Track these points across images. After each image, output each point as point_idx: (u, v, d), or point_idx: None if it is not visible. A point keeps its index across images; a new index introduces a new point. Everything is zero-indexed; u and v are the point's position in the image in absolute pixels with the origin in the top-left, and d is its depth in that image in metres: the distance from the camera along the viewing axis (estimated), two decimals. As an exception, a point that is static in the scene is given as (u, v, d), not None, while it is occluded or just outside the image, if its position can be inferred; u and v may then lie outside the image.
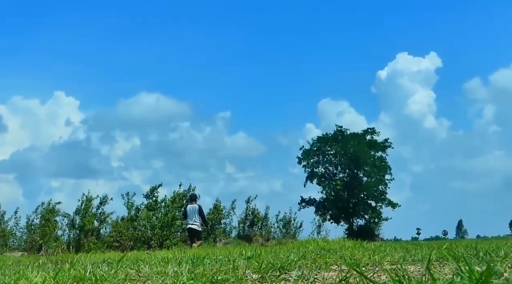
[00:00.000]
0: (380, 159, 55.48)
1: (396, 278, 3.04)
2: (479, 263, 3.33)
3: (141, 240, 30.97)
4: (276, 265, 5.13)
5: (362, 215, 54.89)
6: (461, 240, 48.97)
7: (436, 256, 5.32)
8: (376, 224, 54.21)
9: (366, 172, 55.14)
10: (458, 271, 2.52)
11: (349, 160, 54.68)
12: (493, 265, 2.70)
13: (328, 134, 57.31)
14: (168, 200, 33.20)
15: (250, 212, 37.40)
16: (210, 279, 4.47)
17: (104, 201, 32.56)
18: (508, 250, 5.81)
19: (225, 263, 6.10)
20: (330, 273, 4.90)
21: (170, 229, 31.74)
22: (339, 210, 54.05)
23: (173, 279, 4.55)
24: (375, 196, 54.17)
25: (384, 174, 55.07)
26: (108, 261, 8.06)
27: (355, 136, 56.13)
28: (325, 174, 56.38)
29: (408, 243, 20.82)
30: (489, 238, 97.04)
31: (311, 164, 56.50)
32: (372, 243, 18.03)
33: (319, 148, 56.58)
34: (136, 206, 32.67)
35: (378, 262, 5.66)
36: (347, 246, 12.76)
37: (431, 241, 63.64)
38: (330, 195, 54.47)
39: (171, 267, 5.51)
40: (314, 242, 17.51)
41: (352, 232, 49.60)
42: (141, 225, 31.97)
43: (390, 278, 3.06)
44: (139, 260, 7.62)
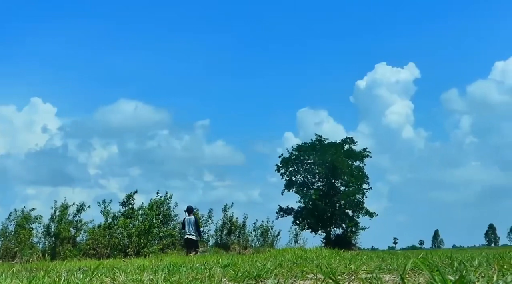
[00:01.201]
0: (358, 169, 55.72)
1: (370, 286, 3.07)
2: (453, 272, 3.36)
3: (118, 248, 30.72)
4: (253, 273, 5.14)
5: (340, 224, 55.03)
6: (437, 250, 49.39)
7: (411, 266, 5.36)
8: (353, 233, 54.38)
9: (344, 181, 55.33)
10: (432, 280, 2.54)
11: (327, 169, 54.82)
12: (466, 275, 2.73)
13: (306, 143, 57.46)
14: (146, 207, 33.00)
15: (228, 220, 37.35)
16: (186, 287, 4.46)
17: (81, 208, 32.29)
18: (482, 260, 5.87)
19: (201, 271, 6.08)
20: (306, 281, 4.92)
21: (147, 237, 31.52)
22: (317, 219, 54.13)
23: (149, 287, 4.54)
24: (352, 205, 54.34)
25: (361, 184, 55.30)
26: (84, 269, 7.99)
27: (333, 145, 56.31)
28: (303, 183, 56.49)
29: (384, 252, 20.94)
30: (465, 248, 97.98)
31: (290, 173, 56.60)
32: (349, 252, 18.12)
33: (298, 157, 56.69)
34: (113, 213, 32.42)
35: (354, 271, 5.68)
36: (324, 254, 12.81)
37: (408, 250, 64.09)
38: (308, 204, 54.57)
39: (147, 275, 5.48)
40: (291, 250, 17.54)
41: (330, 241, 49.69)
42: (117, 232, 31.71)
43: (364, 287, 3.08)
44: (115, 268, 7.56)
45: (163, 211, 33.84)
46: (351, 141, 57.12)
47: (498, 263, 4.74)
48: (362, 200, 54.74)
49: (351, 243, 51.59)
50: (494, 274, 3.32)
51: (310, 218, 54.09)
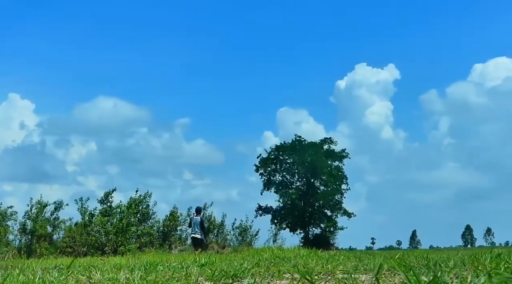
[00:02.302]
0: (337, 169, 55.83)
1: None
2: (428, 273, 3.38)
3: (95, 246, 30.51)
4: (229, 272, 5.13)
5: (318, 224, 55.12)
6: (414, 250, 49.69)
7: (387, 266, 5.38)
8: (332, 233, 54.51)
9: (322, 181, 55.40)
10: (406, 281, 2.55)
11: (306, 169, 54.88)
12: (440, 276, 2.74)
13: (286, 143, 57.44)
14: (124, 205, 32.80)
15: (206, 219, 37.27)
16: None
17: (59, 206, 32.02)
18: (458, 261, 5.91)
19: (178, 270, 6.06)
20: (282, 281, 4.92)
21: (125, 235, 31.33)
22: (295, 218, 54.16)
23: (125, 286, 4.51)
24: (331, 205, 54.44)
25: (340, 184, 55.41)
26: (60, 267, 7.92)
27: (312, 145, 56.35)
28: (282, 183, 56.47)
29: (362, 253, 21.06)
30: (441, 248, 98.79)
31: (268, 173, 56.56)
32: (326, 252, 18.17)
33: (277, 156, 56.67)
34: (90, 211, 32.18)
35: (330, 271, 5.69)
36: (301, 254, 12.84)
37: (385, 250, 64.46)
38: (286, 204, 54.58)
39: (123, 274, 5.45)
40: (270, 250, 17.54)
41: (308, 240, 49.73)
42: (95, 231, 31.48)
43: (340, 287, 3.09)
44: (91, 267, 7.51)
45: (141, 209, 33.66)
46: (331, 141, 57.22)
47: (473, 264, 4.77)
48: (340, 200, 54.86)
49: (329, 243, 51.71)
50: (469, 275, 3.35)
51: (289, 218, 54.11)
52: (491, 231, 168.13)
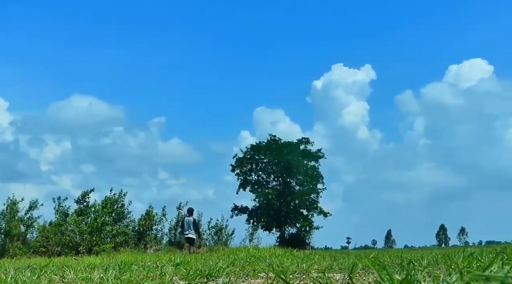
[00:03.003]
0: (313, 169, 55.97)
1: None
2: (401, 272, 3.41)
3: (69, 246, 30.24)
4: (204, 272, 5.12)
5: (294, 223, 55.21)
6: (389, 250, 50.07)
7: (362, 265, 5.42)
8: (307, 233, 54.62)
9: (298, 181, 55.50)
10: (379, 279, 2.57)
11: (282, 169, 54.94)
12: (413, 274, 2.77)
13: (261, 143, 57.46)
14: (99, 205, 32.56)
15: (182, 218, 37.12)
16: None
17: (33, 205, 31.68)
18: (431, 260, 5.97)
19: (153, 269, 6.04)
20: (257, 280, 4.93)
21: (100, 235, 31.11)
22: (271, 218, 54.20)
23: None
24: (307, 205, 54.57)
25: (316, 183, 55.56)
26: (33, 267, 7.84)
27: (288, 145, 56.43)
28: (258, 182, 56.48)
29: (337, 252, 21.17)
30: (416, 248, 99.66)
31: (244, 172, 56.53)
32: (302, 251, 18.22)
33: (253, 156, 56.66)
34: (64, 210, 31.89)
35: (305, 270, 5.71)
36: (277, 254, 12.86)
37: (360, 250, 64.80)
38: (262, 203, 54.60)
39: (97, 273, 5.41)
40: (245, 249, 17.57)
41: (284, 240, 49.80)
42: (69, 230, 31.21)
43: (314, 286, 3.10)
44: (64, 266, 7.44)
45: (116, 209, 33.45)
46: (307, 141, 57.35)
47: (446, 263, 4.83)
48: (316, 199, 55.00)
49: (305, 242, 51.80)
50: (441, 273, 3.39)
51: (265, 217, 54.14)
52: (464, 231, 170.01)
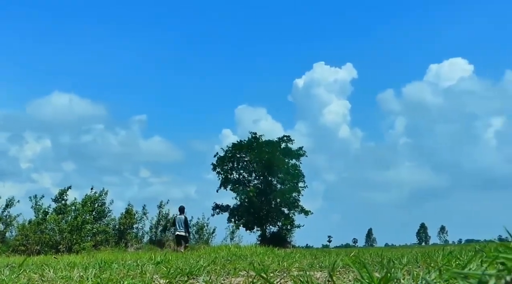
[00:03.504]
0: (294, 167, 56.12)
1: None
2: (381, 270, 3.43)
3: (49, 244, 29.98)
4: (185, 270, 5.10)
5: (275, 221, 55.32)
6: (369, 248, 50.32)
7: (342, 263, 5.44)
8: (289, 231, 54.77)
9: (280, 179, 55.63)
10: (359, 277, 2.58)
11: (263, 167, 55.03)
12: (393, 272, 2.78)
13: (243, 141, 57.45)
14: (79, 203, 32.32)
15: (163, 217, 36.97)
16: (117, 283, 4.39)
17: (10, 203, 31.39)
18: (411, 258, 6.01)
19: (133, 268, 6.01)
20: (238, 278, 4.92)
21: (80, 233, 30.87)
22: (252, 216, 54.26)
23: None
24: (288, 203, 54.68)
25: (297, 182, 55.73)
26: (12, 266, 7.76)
27: (270, 143, 56.49)
28: (239, 181, 56.52)
29: (318, 250, 21.22)
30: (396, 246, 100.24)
31: (225, 171, 56.49)
32: (283, 249, 18.24)
33: (234, 154, 56.66)
34: (44, 209, 31.61)
35: (286, 269, 5.72)
36: (258, 252, 12.85)
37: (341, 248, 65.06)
38: (243, 201, 54.64)
39: (77, 271, 5.37)
40: (226, 248, 17.59)
41: (265, 238, 49.88)
42: (49, 229, 30.94)
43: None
44: (44, 265, 7.38)
45: (97, 207, 33.24)
46: (288, 139, 57.45)
47: (425, 261, 4.86)
48: (297, 198, 55.19)
49: (286, 241, 51.93)
50: (421, 271, 3.41)
51: (246, 216, 54.18)
52: (444, 229, 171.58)
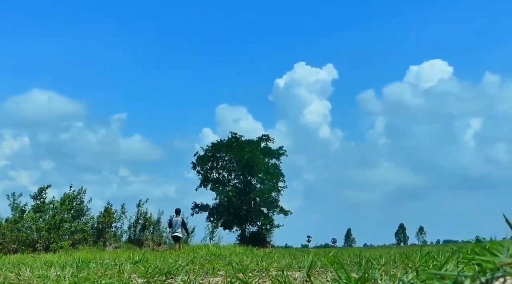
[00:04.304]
0: (274, 167, 56.17)
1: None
2: (359, 270, 3.44)
3: (26, 243, 29.73)
4: (163, 269, 5.08)
5: (255, 221, 55.34)
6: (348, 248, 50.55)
7: (321, 263, 5.45)
8: (268, 231, 54.79)
9: (259, 179, 55.63)
10: (337, 278, 2.59)
11: (243, 167, 54.99)
12: (371, 272, 2.79)
13: (222, 141, 57.40)
14: (57, 201, 32.09)
15: (142, 216, 36.84)
16: (94, 283, 4.36)
17: (-14, 201, 31.15)
18: (389, 258, 6.04)
19: (111, 267, 5.98)
20: (216, 278, 4.92)
21: (58, 232, 30.66)
22: (232, 216, 54.23)
23: (55, 283, 4.41)
24: (267, 203, 54.71)
25: (277, 182, 55.78)
26: (-12, 264, 7.69)
27: (249, 143, 56.49)
28: (219, 180, 56.47)
29: (297, 250, 21.29)
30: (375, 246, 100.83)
31: (205, 170, 56.41)
32: (262, 249, 18.27)
33: (214, 154, 56.59)
34: (21, 207, 31.34)
35: (265, 269, 5.72)
36: (237, 252, 12.86)
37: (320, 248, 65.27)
38: (223, 201, 54.59)
39: (54, 270, 5.32)
40: (205, 247, 17.58)
41: (244, 238, 49.87)
42: (26, 227, 30.68)
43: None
44: (21, 264, 7.32)
45: (75, 205, 33.05)
46: (268, 139, 57.50)
47: (403, 262, 4.89)
48: (277, 198, 55.26)
49: (265, 240, 51.95)
50: (398, 272, 3.43)
51: (225, 215, 54.14)
52: (423, 230, 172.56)
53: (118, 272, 5.13)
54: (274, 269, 5.64)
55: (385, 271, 3.30)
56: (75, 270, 5.41)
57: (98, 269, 5.62)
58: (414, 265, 3.73)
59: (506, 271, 1.50)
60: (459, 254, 3.05)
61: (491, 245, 2.32)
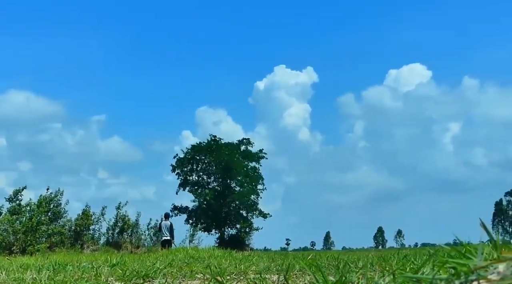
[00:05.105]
0: (254, 169, 56.19)
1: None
2: (337, 273, 3.46)
3: (2, 246, 29.40)
4: (141, 272, 5.06)
5: (234, 224, 55.29)
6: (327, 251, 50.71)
7: (299, 267, 5.46)
8: (247, 234, 54.76)
9: (238, 182, 55.61)
10: (314, 281, 2.60)
11: (222, 170, 54.94)
12: (348, 275, 2.81)
13: (202, 143, 57.33)
14: (34, 204, 31.78)
15: (121, 218, 36.61)
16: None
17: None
18: (367, 261, 6.07)
19: (88, 270, 5.93)
20: (194, 281, 4.91)
21: (35, 235, 30.35)
22: (211, 218, 54.14)
23: (30, 286, 4.37)
24: (246, 206, 54.71)
25: (256, 184, 55.80)
26: (-38, 267, 7.59)
27: (229, 145, 56.48)
28: (198, 183, 56.36)
29: (276, 253, 21.30)
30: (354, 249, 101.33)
31: (185, 173, 56.29)
32: (241, 252, 18.25)
33: (193, 156, 56.49)
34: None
35: (243, 272, 5.72)
36: (216, 255, 12.84)
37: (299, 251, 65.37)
38: (202, 204, 54.51)
39: (30, 273, 5.28)
40: (184, 250, 17.50)
41: (224, 241, 49.77)
42: (2, 229, 30.34)
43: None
44: (-4, 266, 7.24)
45: (52, 208, 32.75)
46: (248, 142, 57.53)
47: (381, 265, 4.92)
48: (256, 200, 55.26)
49: (244, 243, 51.90)
50: (375, 275, 3.45)
51: (204, 218, 54.03)
52: (401, 233, 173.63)
53: (95, 275, 5.10)
54: (252, 272, 5.64)
55: (362, 274, 3.31)
56: (51, 273, 5.36)
57: (75, 272, 5.57)
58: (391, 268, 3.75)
59: (480, 275, 1.52)
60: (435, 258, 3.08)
61: (466, 249, 2.35)
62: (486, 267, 1.55)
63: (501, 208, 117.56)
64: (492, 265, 1.54)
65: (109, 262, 7.64)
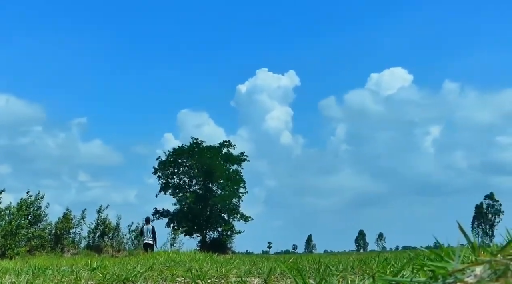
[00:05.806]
0: (235, 173, 56.22)
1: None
2: (317, 276, 3.47)
3: (-19, 250, 29.09)
4: (121, 276, 5.04)
5: (215, 227, 55.24)
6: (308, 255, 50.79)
7: (280, 270, 5.47)
8: (229, 237, 54.74)
9: (220, 185, 55.60)
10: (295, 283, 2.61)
11: (204, 173, 54.87)
12: (328, 278, 2.82)
13: (184, 146, 57.24)
14: (13, 207, 31.44)
15: (102, 222, 36.36)
16: (50, 290, 4.30)
17: None
18: (348, 264, 6.09)
19: (68, 274, 5.90)
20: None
21: (14, 238, 30.03)
22: (192, 222, 54.02)
23: (9, 291, 4.34)
24: (228, 209, 54.70)
25: (238, 188, 55.83)
26: None
27: (210, 148, 56.45)
28: (180, 186, 56.24)
29: (257, 257, 21.29)
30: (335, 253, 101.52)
31: (166, 175, 56.15)
32: (223, 256, 18.24)
33: (175, 159, 56.37)
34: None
35: (224, 275, 5.72)
36: (197, 258, 12.82)
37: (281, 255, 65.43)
38: (183, 207, 54.40)
39: (9, 277, 5.23)
40: (165, 253, 17.46)
41: (205, 244, 49.69)
42: (-20, 233, 30.00)
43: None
44: (-26, 270, 7.16)
45: (32, 211, 32.44)
46: (229, 145, 57.54)
47: (361, 268, 4.95)
48: (238, 204, 55.32)
49: (226, 246, 51.87)
50: (356, 278, 3.47)
51: (186, 221, 53.89)
52: (382, 236, 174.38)
53: (75, 279, 5.07)
54: (233, 276, 5.64)
55: (342, 277, 3.33)
56: (30, 277, 5.32)
57: (54, 276, 5.54)
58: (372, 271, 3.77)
59: (457, 277, 1.53)
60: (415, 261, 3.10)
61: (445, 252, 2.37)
62: (463, 270, 1.56)
63: (481, 211, 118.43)
64: (469, 268, 1.55)
65: (90, 266, 7.59)
